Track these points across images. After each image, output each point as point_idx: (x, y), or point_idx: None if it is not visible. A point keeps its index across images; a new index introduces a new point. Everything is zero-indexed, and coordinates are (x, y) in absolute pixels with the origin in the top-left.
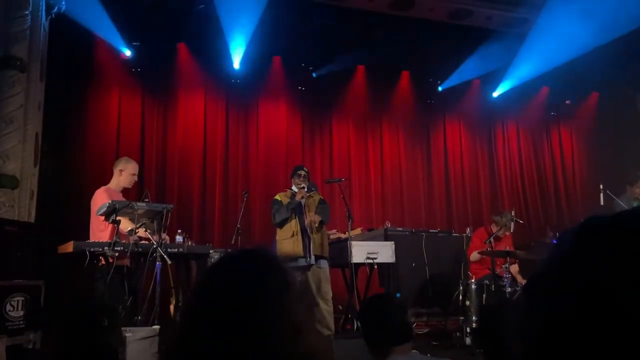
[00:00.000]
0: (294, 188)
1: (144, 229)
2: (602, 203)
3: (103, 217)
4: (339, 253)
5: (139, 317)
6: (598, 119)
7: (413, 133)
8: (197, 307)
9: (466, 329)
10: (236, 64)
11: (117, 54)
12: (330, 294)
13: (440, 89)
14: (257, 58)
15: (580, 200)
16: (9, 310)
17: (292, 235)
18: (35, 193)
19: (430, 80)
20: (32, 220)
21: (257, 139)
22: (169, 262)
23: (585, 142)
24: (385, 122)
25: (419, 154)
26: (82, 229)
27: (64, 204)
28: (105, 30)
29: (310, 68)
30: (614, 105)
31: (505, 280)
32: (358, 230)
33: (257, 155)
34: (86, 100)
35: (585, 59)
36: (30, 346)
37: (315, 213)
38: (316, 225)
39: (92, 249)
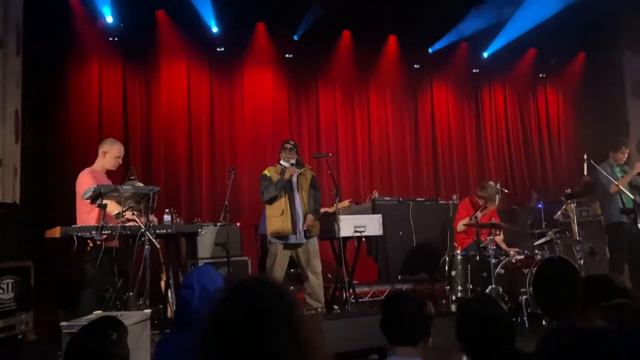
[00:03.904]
0: (282, 162)
1: (131, 212)
2: (585, 172)
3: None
4: (327, 226)
5: (130, 293)
6: (584, 80)
7: (400, 98)
8: (214, 334)
9: (452, 297)
10: (219, 30)
11: (94, 22)
12: (320, 268)
13: (430, 50)
14: (241, 24)
15: (565, 162)
16: (0, 293)
17: (282, 213)
18: (19, 170)
19: (418, 44)
20: (17, 197)
21: (242, 108)
22: (158, 246)
23: (571, 104)
24: (372, 88)
25: (406, 119)
26: (67, 203)
27: (48, 179)
28: None
29: (294, 34)
30: (600, 67)
31: (490, 251)
32: (346, 203)
33: (243, 125)
34: (66, 72)
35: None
36: (23, 326)
37: (308, 205)
38: (312, 226)
39: (79, 234)
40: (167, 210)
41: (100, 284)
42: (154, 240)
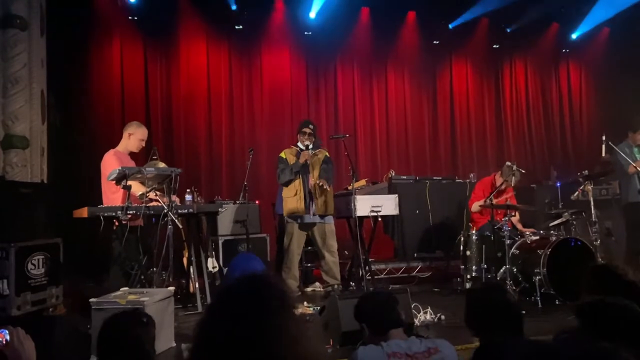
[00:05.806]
0: (299, 145)
1: (154, 193)
2: (603, 154)
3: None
4: (344, 205)
5: (154, 270)
6: (608, 56)
7: (419, 75)
8: (211, 326)
9: (466, 276)
10: (237, 8)
11: (115, 1)
12: (336, 247)
13: (450, 26)
14: (259, 2)
15: (586, 139)
16: (31, 269)
17: (295, 194)
18: (46, 149)
19: (438, 19)
20: (45, 176)
21: (261, 86)
22: (180, 226)
23: (593, 80)
24: (390, 65)
25: (424, 97)
26: (92, 181)
27: (74, 158)
28: None
29: (312, 11)
30: (624, 42)
31: (505, 231)
32: (363, 182)
33: (261, 103)
34: (88, 51)
35: None
36: (54, 300)
37: (319, 175)
38: (325, 187)
39: (106, 214)
40: (188, 190)
41: (126, 261)
42: (176, 220)
